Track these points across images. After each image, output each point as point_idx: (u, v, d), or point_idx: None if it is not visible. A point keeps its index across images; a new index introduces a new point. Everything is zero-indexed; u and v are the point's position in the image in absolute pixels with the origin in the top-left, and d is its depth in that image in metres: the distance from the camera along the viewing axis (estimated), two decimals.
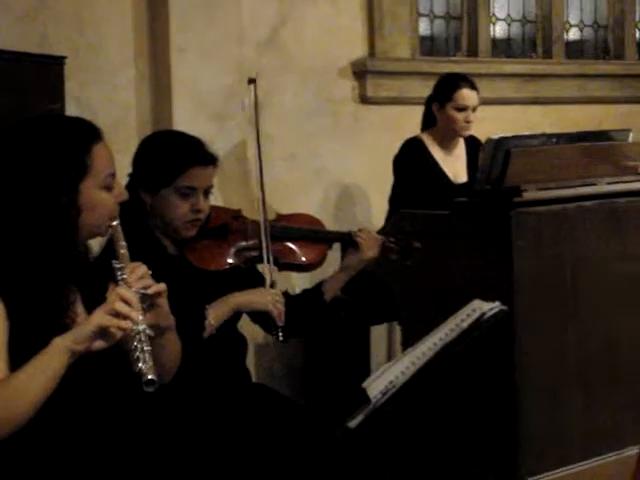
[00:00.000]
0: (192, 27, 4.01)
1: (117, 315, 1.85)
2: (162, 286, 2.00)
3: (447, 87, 4.14)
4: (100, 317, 1.85)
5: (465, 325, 2.28)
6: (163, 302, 2.01)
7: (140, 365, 1.84)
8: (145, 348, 1.86)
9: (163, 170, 2.59)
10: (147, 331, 1.88)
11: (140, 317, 1.88)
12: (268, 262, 2.77)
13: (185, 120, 3.90)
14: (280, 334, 2.72)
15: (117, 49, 4.00)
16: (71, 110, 3.35)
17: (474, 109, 4.13)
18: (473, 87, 4.15)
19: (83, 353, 1.85)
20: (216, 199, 2.95)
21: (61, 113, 3.10)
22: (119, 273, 1.95)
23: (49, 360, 1.83)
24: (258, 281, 2.79)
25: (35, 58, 3.23)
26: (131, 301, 1.87)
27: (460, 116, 4.12)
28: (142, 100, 4.06)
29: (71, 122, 2.05)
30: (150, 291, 1.97)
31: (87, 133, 2.00)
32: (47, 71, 3.20)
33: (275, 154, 4.33)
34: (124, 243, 2.01)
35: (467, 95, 4.12)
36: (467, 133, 4.20)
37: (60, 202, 1.93)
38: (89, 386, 1.98)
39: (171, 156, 2.60)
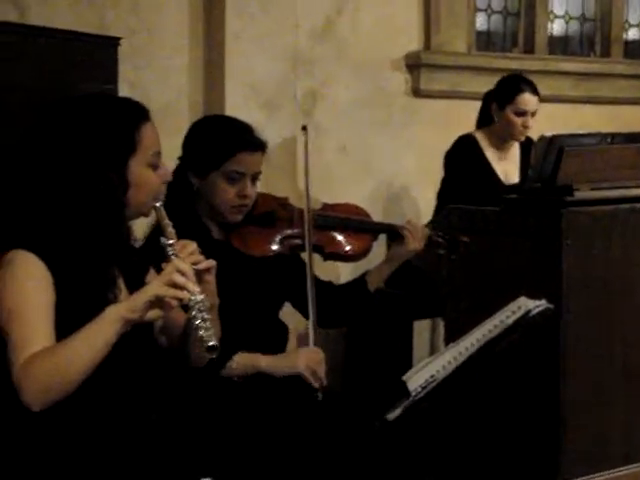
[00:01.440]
0: (247, 14, 4.01)
1: (174, 286, 1.87)
2: (212, 262, 2.03)
3: (509, 89, 4.06)
4: (157, 287, 1.88)
5: (510, 322, 2.26)
6: (211, 279, 2.04)
7: (201, 333, 1.88)
8: (205, 316, 1.89)
9: (212, 154, 2.59)
10: (205, 302, 1.90)
11: (197, 288, 1.90)
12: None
13: (236, 106, 3.90)
14: (319, 394, 2.58)
15: (172, 33, 4.01)
16: (124, 92, 3.36)
17: (533, 114, 4.05)
18: (535, 92, 4.06)
19: (136, 322, 1.88)
20: (264, 187, 2.94)
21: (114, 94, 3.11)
22: (169, 249, 1.98)
23: (102, 327, 1.85)
24: (301, 270, 2.77)
25: (90, 38, 3.24)
26: (187, 273, 1.90)
27: (519, 120, 4.05)
28: (195, 85, 4.07)
29: (121, 100, 2.09)
30: (201, 266, 1.99)
31: (136, 111, 2.03)
32: (101, 52, 3.21)
33: (326, 145, 4.32)
34: (169, 222, 2.03)
35: (528, 100, 4.04)
36: (523, 138, 4.12)
37: (109, 177, 1.95)
38: (131, 365, 2.00)
39: (220, 140, 2.60)
